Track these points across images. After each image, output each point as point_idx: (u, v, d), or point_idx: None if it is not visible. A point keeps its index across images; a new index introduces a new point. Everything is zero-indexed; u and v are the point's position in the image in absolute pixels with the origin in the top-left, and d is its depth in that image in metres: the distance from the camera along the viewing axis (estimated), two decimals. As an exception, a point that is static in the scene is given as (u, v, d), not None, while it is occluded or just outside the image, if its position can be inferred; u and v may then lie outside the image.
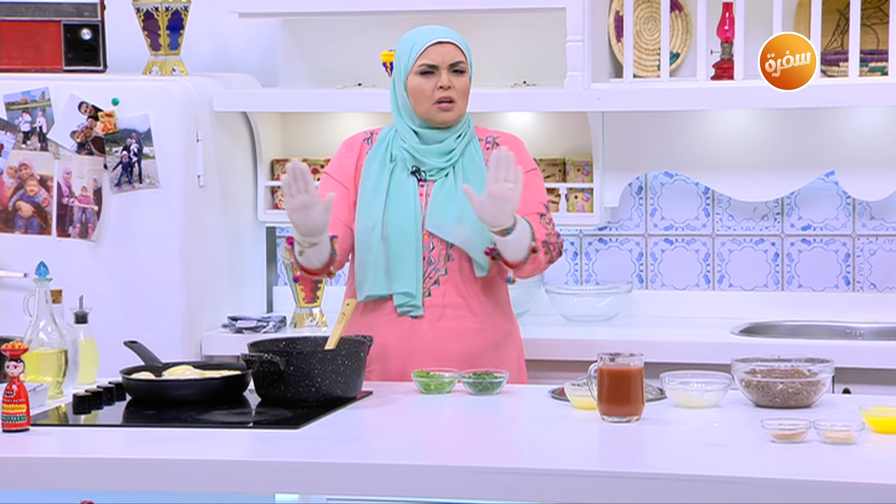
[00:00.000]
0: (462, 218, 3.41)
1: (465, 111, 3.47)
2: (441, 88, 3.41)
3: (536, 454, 2.81)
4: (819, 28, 4.10)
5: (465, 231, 3.42)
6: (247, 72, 4.61)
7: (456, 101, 3.43)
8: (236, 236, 4.45)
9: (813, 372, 3.06)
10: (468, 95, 3.46)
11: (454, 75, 3.44)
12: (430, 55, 3.43)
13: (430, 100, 3.42)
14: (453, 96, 3.42)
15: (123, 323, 4.09)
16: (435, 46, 3.43)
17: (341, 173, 3.52)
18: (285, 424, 2.96)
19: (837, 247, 4.39)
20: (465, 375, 3.26)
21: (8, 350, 2.93)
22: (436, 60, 3.43)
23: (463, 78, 3.45)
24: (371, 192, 3.46)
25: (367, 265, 3.45)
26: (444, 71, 3.43)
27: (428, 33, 3.47)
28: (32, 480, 2.77)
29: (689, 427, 2.93)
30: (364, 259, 3.45)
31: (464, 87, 3.44)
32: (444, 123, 3.44)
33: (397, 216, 3.43)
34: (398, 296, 3.43)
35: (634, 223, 4.49)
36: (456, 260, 3.44)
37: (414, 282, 3.42)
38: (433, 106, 3.43)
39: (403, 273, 3.42)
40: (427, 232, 3.44)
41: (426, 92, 3.42)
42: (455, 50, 3.45)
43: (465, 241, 3.43)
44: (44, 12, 4.38)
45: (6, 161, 4.24)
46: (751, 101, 4.04)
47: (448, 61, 3.43)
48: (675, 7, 4.34)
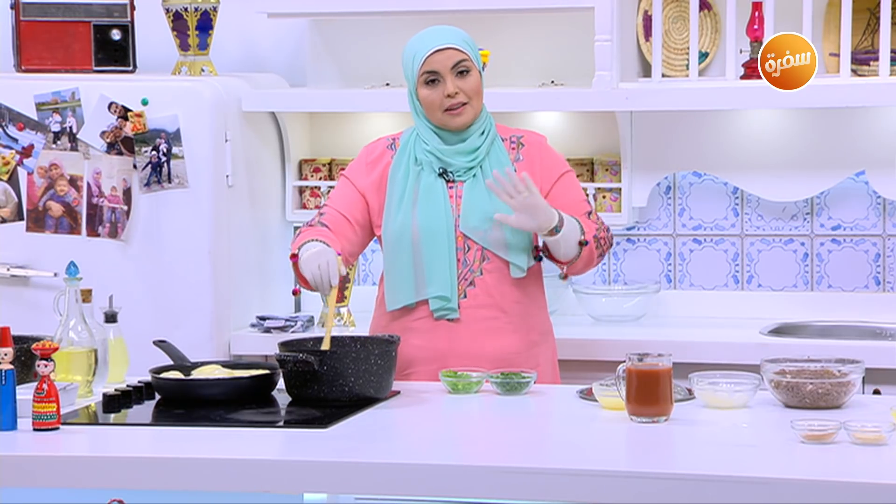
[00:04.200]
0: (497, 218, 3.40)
1: (480, 107, 3.44)
2: (448, 97, 3.38)
3: (564, 454, 2.80)
4: (849, 27, 4.08)
5: (501, 234, 3.41)
6: (275, 72, 4.62)
7: (467, 102, 3.40)
8: (264, 236, 4.46)
9: (843, 372, 3.05)
10: (481, 92, 3.43)
11: (459, 78, 3.39)
12: (431, 63, 3.39)
13: (441, 108, 3.40)
14: (462, 100, 3.39)
15: (152, 322, 4.10)
16: (434, 54, 3.39)
17: (357, 177, 3.49)
18: (314, 424, 2.97)
19: (867, 247, 4.37)
20: (492, 375, 3.25)
21: (38, 349, 2.95)
22: (437, 67, 3.39)
23: (469, 77, 3.40)
24: (399, 198, 3.44)
25: (399, 272, 3.43)
26: (448, 77, 3.39)
27: (426, 41, 3.42)
28: (62, 479, 2.79)
29: (718, 428, 2.92)
30: (395, 265, 3.44)
31: (473, 86, 3.40)
32: (460, 128, 3.43)
33: (428, 220, 3.42)
34: (433, 300, 3.41)
35: (663, 223, 4.48)
36: (492, 260, 3.43)
37: (449, 285, 3.41)
38: (444, 114, 3.41)
39: (437, 277, 3.40)
40: (461, 234, 3.43)
41: (435, 102, 3.40)
42: (454, 52, 3.40)
43: (502, 245, 3.41)
44: (74, 13, 4.40)
45: (36, 161, 4.26)
46: (780, 100, 4.02)
47: (450, 65, 3.39)
48: (704, 6, 4.33)
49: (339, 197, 3.50)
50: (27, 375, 3.14)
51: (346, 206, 3.47)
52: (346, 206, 3.48)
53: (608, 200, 4.37)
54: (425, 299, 3.42)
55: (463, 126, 3.42)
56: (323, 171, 4.54)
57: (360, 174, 3.50)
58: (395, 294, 3.45)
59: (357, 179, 3.50)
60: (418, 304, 3.44)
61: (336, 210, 3.47)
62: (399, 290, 3.44)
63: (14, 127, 4.26)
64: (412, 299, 3.43)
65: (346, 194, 3.50)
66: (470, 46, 3.44)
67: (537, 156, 3.49)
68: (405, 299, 3.43)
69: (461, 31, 3.47)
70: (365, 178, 3.49)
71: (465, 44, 3.43)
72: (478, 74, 3.43)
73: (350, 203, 3.48)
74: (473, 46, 3.45)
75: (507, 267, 3.43)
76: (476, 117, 3.43)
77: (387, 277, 3.47)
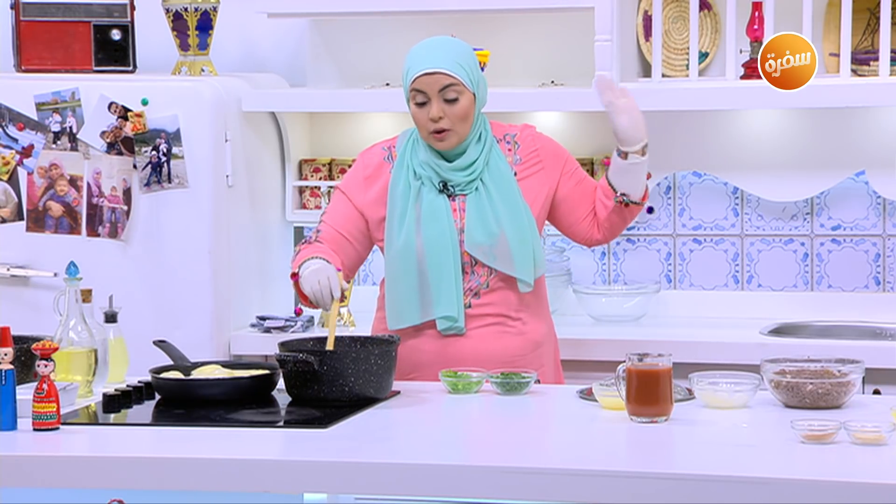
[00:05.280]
0: (503, 231, 3.37)
1: (466, 133, 3.37)
2: (431, 120, 3.34)
3: (564, 454, 2.80)
4: (849, 27, 4.08)
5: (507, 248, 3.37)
6: (275, 72, 4.62)
7: (450, 128, 3.34)
8: (264, 236, 4.46)
9: (843, 372, 3.05)
10: (469, 117, 3.35)
11: (446, 103, 3.33)
12: (420, 83, 3.34)
13: (426, 129, 3.36)
14: (445, 126, 3.34)
15: (152, 322, 4.10)
16: (423, 76, 3.33)
17: (354, 193, 3.44)
18: (314, 424, 2.97)
19: (867, 247, 4.37)
20: (492, 375, 3.25)
21: (38, 349, 2.94)
22: (425, 89, 3.33)
23: (457, 104, 3.32)
24: (401, 215, 3.39)
25: (403, 292, 3.39)
26: (435, 100, 3.33)
27: (418, 59, 3.35)
28: (62, 479, 2.79)
29: (717, 428, 2.92)
30: (399, 285, 3.40)
31: (459, 113, 3.33)
32: (443, 150, 3.39)
33: (433, 240, 3.37)
34: (440, 320, 3.38)
35: (663, 223, 4.48)
36: (499, 274, 3.41)
37: (455, 304, 3.37)
38: (430, 135, 3.37)
39: (444, 297, 3.37)
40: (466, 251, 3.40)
41: (420, 122, 3.36)
42: (443, 77, 3.32)
43: (508, 261, 3.38)
44: (74, 13, 4.40)
45: (36, 161, 4.26)
46: (780, 100, 4.02)
47: (437, 89, 3.33)
48: (704, 6, 4.33)
49: (335, 213, 3.46)
50: (27, 375, 3.14)
51: (342, 224, 3.43)
52: (343, 223, 3.44)
53: (608, 200, 4.36)
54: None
55: (445, 150, 3.38)
56: (323, 171, 4.54)
57: (358, 190, 3.45)
58: (399, 314, 3.41)
59: (354, 196, 3.45)
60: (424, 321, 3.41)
61: (333, 228, 3.43)
62: (404, 310, 3.40)
63: (14, 127, 4.26)
64: (418, 320, 3.40)
65: (342, 211, 3.45)
66: (463, 67, 3.34)
67: (535, 148, 3.47)
68: (412, 320, 3.40)
69: (458, 49, 3.38)
70: (362, 195, 3.45)
71: (456, 66, 3.34)
72: (468, 98, 3.34)
73: (347, 219, 3.44)
74: (469, 65, 3.36)
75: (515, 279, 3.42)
76: (461, 142, 3.37)
77: (390, 295, 3.43)
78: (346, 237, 3.43)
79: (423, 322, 3.40)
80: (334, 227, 3.44)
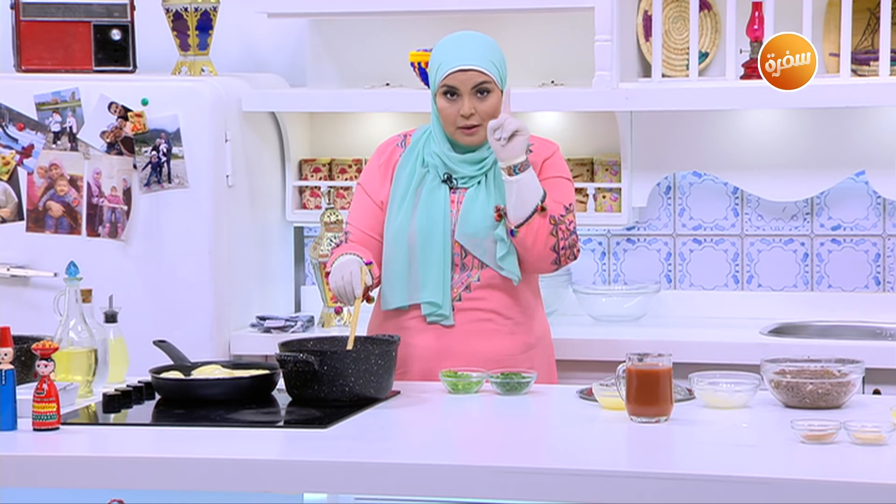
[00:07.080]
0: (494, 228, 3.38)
1: None
2: (463, 116, 3.37)
3: (564, 454, 2.80)
4: (849, 27, 4.08)
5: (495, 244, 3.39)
6: (275, 72, 4.62)
7: (481, 124, 3.38)
8: (264, 236, 4.46)
9: (843, 372, 3.05)
10: (497, 113, 3.37)
11: (478, 99, 3.37)
12: (453, 79, 3.36)
13: (454, 124, 3.39)
14: (476, 122, 3.37)
15: (152, 322, 4.10)
16: (457, 72, 3.36)
17: (373, 187, 3.48)
18: (314, 424, 2.97)
19: (867, 247, 4.37)
20: (492, 375, 3.25)
21: (38, 349, 2.95)
22: (458, 85, 3.36)
23: (488, 99, 3.37)
24: (401, 198, 3.44)
25: (394, 273, 3.43)
26: (467, 96, 3.36)
27: (454, 55, 3.38)
28: (62, 479, 2.79)
29: (717, 428, 2.92)
30: (391, 266, 3.44)
31: (490, 108, 3.37)
32: (469, 145, 3.41)
33: (425, 224, 3.41)
34: (425, 305, 3.41)
35: (663, 223, 4.48)
36: (490, 270, 3.43)
37: (441, 291, 3.40)
38: (457, 130, 3.39)
39: (430, 283, 3.40)
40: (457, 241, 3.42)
41: (449, 116, 3.39)
42: (477, 74, 3.36)
43: (494, 255, 3.40)
44: (74, 13, 4.40)
45: (36, 161, 4.26)
46: (780, 100, 4.02)
47: (470, 86, 3.36)
48: (704, 6, 4.33)
49: (359, 213, 3.48)
50: (27, 375, 3.14)
51: (368, 224, 3.45)
52: (369, 223, 3.45)
53: (608, 200, 4.37)
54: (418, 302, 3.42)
55: (473, 145, 3.42)
56: (323, 171, 4.54)
57: (375, 182, 3.48)
58: (389, 295, 3.45)
59: (372, 190, 3.48)
60: (412, 306, 3.44)
61: (358, 229, 3.46)
62: (393, 291, 3.44)
63: (14, 127, 4.26)
64: (405, 302, 3.43)
65: (365, 209, 3.47)
66: (495, 65, 3.39)
67: (541, 156, 3.47)
68: (398, 301, 3.43)
69: (491, 47, 3.42)
70: (380, 186, 3.47)
71: (490, 64, 3.38)
72: (498, 94, 3.39)
73: (369, 216, 3.46)
74: (499, 62, 3.41)
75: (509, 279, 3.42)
76: (484, 140, 3.40)
77: (383, 275, 3.47)
78: (372, 235, 3.46)
79: (411, 308, 3.41)
80: (359, 227, 3.47)
